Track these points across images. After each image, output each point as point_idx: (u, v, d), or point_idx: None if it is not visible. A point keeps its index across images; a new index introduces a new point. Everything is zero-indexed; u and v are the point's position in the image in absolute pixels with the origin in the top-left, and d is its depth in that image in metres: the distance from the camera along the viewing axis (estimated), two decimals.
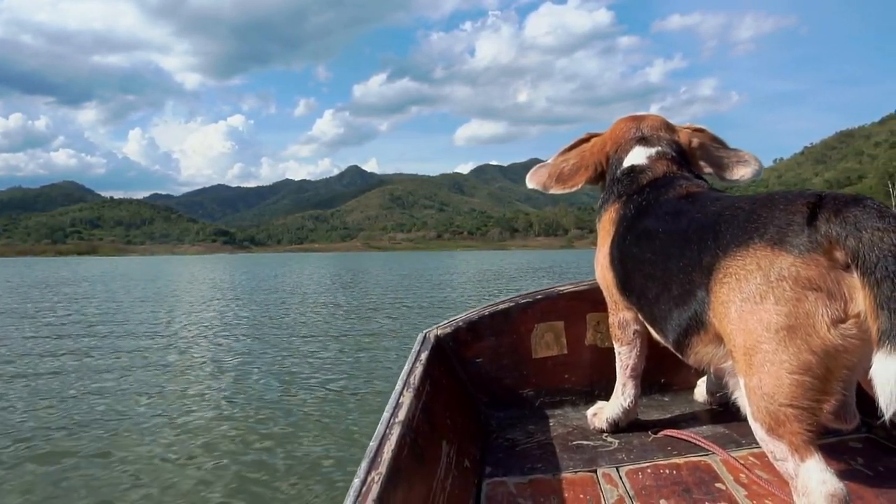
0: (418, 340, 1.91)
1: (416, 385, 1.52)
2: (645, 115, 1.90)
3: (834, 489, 1.05)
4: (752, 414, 1.17)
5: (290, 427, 4.89)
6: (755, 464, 1.60)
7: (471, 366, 2.10)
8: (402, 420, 1.30)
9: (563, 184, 1.93)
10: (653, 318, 1.55)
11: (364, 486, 1.03)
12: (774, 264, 1.10)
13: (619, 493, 1.50)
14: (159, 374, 7.15)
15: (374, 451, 1.15)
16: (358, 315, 12.91)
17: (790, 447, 1.10)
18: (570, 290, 2.19)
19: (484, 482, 1.60)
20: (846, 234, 1.03)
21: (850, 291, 1.04)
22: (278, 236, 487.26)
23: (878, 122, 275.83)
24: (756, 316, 1.12)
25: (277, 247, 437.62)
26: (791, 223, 1.11)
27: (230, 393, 6.09)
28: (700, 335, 1.32)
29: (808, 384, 1.07)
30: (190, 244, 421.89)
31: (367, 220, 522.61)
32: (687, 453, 1.70)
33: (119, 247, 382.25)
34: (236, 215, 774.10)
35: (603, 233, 1.79)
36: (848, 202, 1.07)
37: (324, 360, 7.74)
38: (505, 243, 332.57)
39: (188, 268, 56.39)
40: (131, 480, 3.87)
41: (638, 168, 1.75)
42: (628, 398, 1.85)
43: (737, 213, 1.24)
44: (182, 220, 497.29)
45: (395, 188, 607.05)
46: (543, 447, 1.81)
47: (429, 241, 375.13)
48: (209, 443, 4.55)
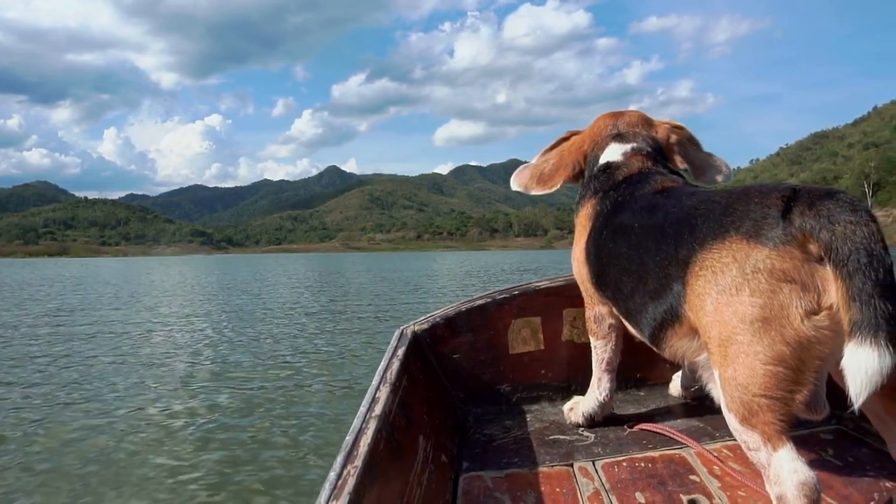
0: (395, 336, 1.90)
1: (393, 380, 1.51)
2: (624, 111, 1.90)
3: (805, 478, 1.07)
4: (727, 404, 1.17)
5: (266, 423, 4.86)
6: (728, 456, 1.62)
7: (448, 361, 2.09)
8: (378, 414, 1.29)
9: (543, 184, 1.94)
10: (628, 313, 1.55)
11: (339, 480, 1.02)
12: (750, 257, 1.11)
13: (594, 486, 1.50)
14: (129, 374, 6.89)
15: (349, 445, 1.14)
16: (336, 314, 12.64)
17: (763, 437, 1.11)
18: (546, 285, 2.19)
19: (461, 477, 1.60)
20: (820, 227, 1.04)
21: (824, 283, 1.06)
22: (256, 237, 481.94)
23: (851, 123, 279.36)
24: (732, 308, 1.13)
25: (255, 247, 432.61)
26: (766, 216, 1.12)
27: (205, 391, 5.99)
28: (675, 328, 1.33)
29: (782, 375, 1.08)
30: (166, 245, 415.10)
31: (346, 221, 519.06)
32: (662, 446, 1.72)
33: (92, 248, 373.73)
34: (214, 216, 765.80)
35: (579, 228, 1.80)
36: (822, 195, 1.08)
37: (301, 358, 7.58)
38: (485, 244, 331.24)
39: (160, 268, 54.97)
40: (103, 479, 3.82)
41: (613, 164, 1.76)
42: (604, 392, 1.86)
43: (713, 207, 1.24)
44: (158, 220, 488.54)
45: (375, 188, 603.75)
46: (520, 442, 1.81)
47: (408, 241, 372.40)
48: (184, 439, 4.54)
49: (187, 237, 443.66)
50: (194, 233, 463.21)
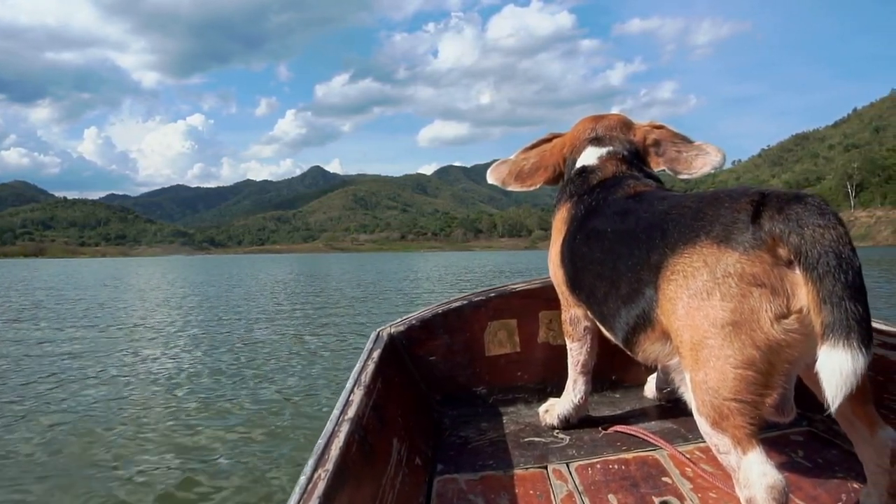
0: (371, 338, 1.90)
1: (367, 383, 1.51)
2: (605, 114, 1.91)
3: (773, 481, 1.07)
4: (697, 408, 1.18)
5: (240, 426, 4.78)
6: (700, 457, 1.63)
7: (424, 363, 2.09)
8: (351, 417, 1.29)
9: (521, 182, 1.95)
10: (602, 317, 1.56)
11: (310, 484, 1.02)
12: (720, 261, 1.12)
13: (568, 488, 1.51)
14: (88, 379, 6.58)
15: (321, 449, 1.14)
16: (316, 316, 12.28)
17: (733, 440, 1.12)
18: (522, 288, 2.19)
19: (435, 479, 1.61)
20: (789, 230, 1.05)
21: (793, 287, 1.06)
22: (239, 237, 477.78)
23: (831, 125, 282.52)
24: (703, 312, 1.14)
25: (238, 248, 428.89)
26: (736, 221, 1.12)
27: (178, 393, 5.89)
28: (648, 332, 1.33)
29: (752, 379, 1.09)
30: (147, 245, 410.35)
31: (329, 221, 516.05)
32: (635, 448, 1.73)
33: (70, 248, 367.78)
34: (196, 216, 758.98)
35: (555, 231, 1.81)
36: (790, 200, 1.08)
37: (275, 362, 7.31)
38: (469, 244, 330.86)
39: (136, 269, 53.45)
40: (71, 481, 3.74)
41: (589, 168, 1.78)
42: (579, 394, 1.88)
43: (684, 212, 1.25)
44: (139, 220, 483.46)
45: (358, 189, 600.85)
46: (495, 444, 1.81)
47: (392, 242, 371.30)
48: (156, 441, 4.46)
49: (169, 238, 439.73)
50: (176, 233, 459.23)
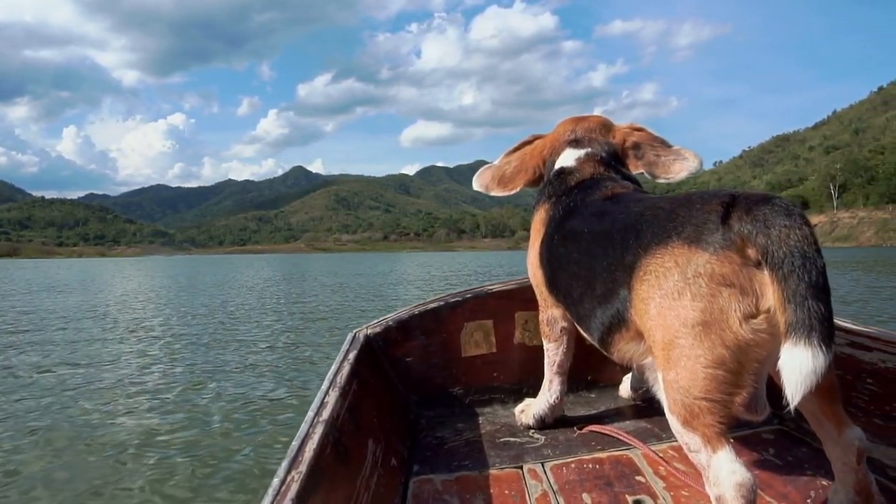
0: (347, 340, 1.90)
1: (343, 384, 1.51)
2: (586, 116, 1.92)
3: (742, 479, 1.09)
4: (669, 407, 1.19)
5: (213, 429, 4.68)
6: (674, 456, 1.65)
7: (400, 365, 2.10)
8: (325, 419, 1.29)
9: (503, 186, 1.97)
10: (578, 317, 1.58)
11: (283, 486, 1.02)
12: (691, 262, 1.13)
13: (543, 487, 1.53)
14: (51, 385, 6.30)
15: (295, 451, 1.13)
16: (293, 318, 11.86)
17: (703, 439, 1.13)
18: (498, 289, 2.20)
19: (411, 480, 1.61)
20: (756, 231, 1.07)
21: (761, 287, 1.08)
22: (220, 237, 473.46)
23: (811, 127, 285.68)
24: (674, 312, 1.15)
25: (219, 248, 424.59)
26: (707, 222, 1.14)
27: (150, 394, 5.80)
28: (622, 332, 1.35)
29: (722, 378, 1.10)
30: (126, 245, 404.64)
31: (311, 222, 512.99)
32: (610, 448, 1.74)
33: (47, 249, 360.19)
34: (177, 216, 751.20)
35: (534, 232, 1.83)
36: (758, 201, 1.10)
37: (251, 364, 7.16)
38: (452, 244, 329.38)
39: (111, 270, 51.09)
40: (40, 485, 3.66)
41: (567, 170, 1.79)
42: (555, 394, 1.90)
43: (657, 213, 1.27)
44: (118, 220, 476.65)
45: (341, 189, 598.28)
46: (471, 444, 1.82)
47: (375, 242, 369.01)
48: (126, 444, 4.34)
49: (149, 238, 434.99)
50: (156, 233, 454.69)
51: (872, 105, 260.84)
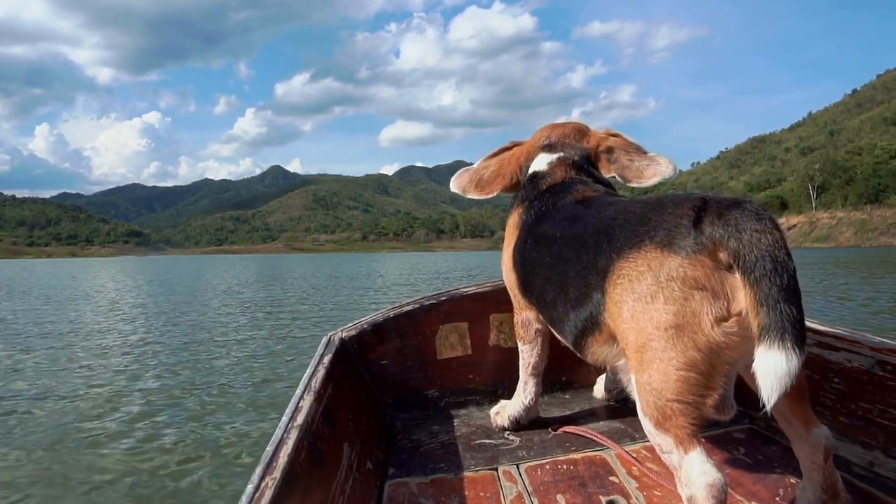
0: (322, 343, 1.90)
1: (318, 388, 1.51)
2: (564, 122, 1.95)
3: (713, 479, 1.10)
4: (642, 409, 1.20)
5: (186, 435, 4.62)
6: (647, 456, 1.66)
7: (376, 368, 2.10)
8: (300, 424, 1.28)
9: (481, 189, 1.99)
10: (552, 320, 1.59)
11: (257, 492, 1.01)
12: (664, 265, 1.14)
13: (517, 489, 1.53)
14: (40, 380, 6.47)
15: (269, 456, 1.13)
16: (268, 320, 11.59)
17: (675, 440, 1.14)
18: (473, 291, 2.21)
19: (386, 483, 1.61)
20: (728, 235, 1.08)
21: (733, 291, 1.09)
22: (196, 237, 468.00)
23: (787, 128, 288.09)
24: (647, 315, 1.16)
25: (195, 248, 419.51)
26: (678, 226, 1.15)
27: (121, 399, 5.74)
28: (596, 335, 1.36)
29: (694, 380, 1.11)
30: (100, 245, 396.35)
31: (289, 222, 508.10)
32: (584, 448, 1.76)
33: (15, 249, 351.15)
34: (152, 216, 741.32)
35: (508, 236, 1.85)
36: (729, 205, 1.12)
37: (225, 368, 7.06)
38: (431, 245, 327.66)
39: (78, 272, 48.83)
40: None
41: (539, 174, 1.82)
42: (529, 396, 1.91)
43: (630, 217, 1.28)
44: (92, 220, 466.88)
45: (319, 189, 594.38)
46: (447, 447, 1.82)
47: (353, 242, 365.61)
48: (97, 450, 4.29)
49: (123, 237, 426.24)
50: (130, 233, 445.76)
51: (847, 107, 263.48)
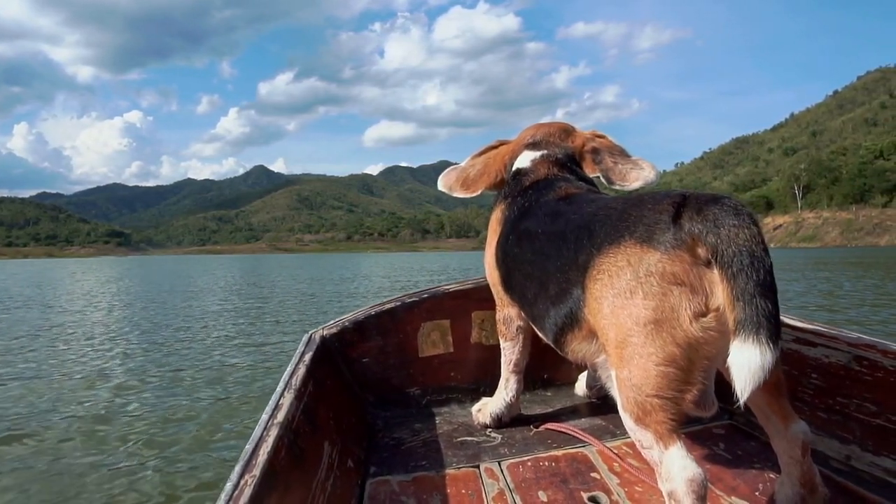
0: (303, 341, 1.90)
1: (298, 386, 1.50)
2: (550, 122, 1.96)
3: (693, 474, 1.11)
4: (622, 405, 1.20)
5: (166, 434, 4.54)
6: (628, 453, 1.67)
7: (357, 366, 2.09)
8: (280, 422, 1.28)
9: (467, 188, 2.00)
10: (533, 317, 1.60)
11: (236, 490, 1.00)
12: (643, 261, 1.15)
13: (499, 486, 1.54)
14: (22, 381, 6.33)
15: (249, 454, 1.12)
16: (250, 318, 11.48)
17: (656, 436, 1.15)
18: (455, 288, 2.21)
19: (368, 482, 1.61)
20: (706, 231, 1.09)
21: (711, 286, 1.10)
22: (178, 238, 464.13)
23: (770, 129, 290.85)
24: (626, 311, 1.16)
25: (177, 248, 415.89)
26: (658, 221, 1.16)
27: (101, 397, 5.67)
28: (576, 331, 1.36)
29: (673, 375, 1.12)
30: (80, 246, 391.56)
31: (273, 221, 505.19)
32: (566, 445, 1.76)
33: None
34: (133, 216, 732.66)
35: (491, 232, 1.87)
36: (708, 201, 1.12)
37: (205, 367, 6.97)
38: (416, 245, 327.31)
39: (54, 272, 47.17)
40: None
41: (523, 171, 1.83)
42: (511, 393, 1.92)
43: (610, 213, 1.28)
44: (72, 220, 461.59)
45: (303, 188, 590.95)
46: (428, 445, 1.83)
47: (338, 242, 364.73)
48: (76, 446, 4.26)
49: (103, 238, 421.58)
50: (111, 233, 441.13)
51: (828, 108, 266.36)
